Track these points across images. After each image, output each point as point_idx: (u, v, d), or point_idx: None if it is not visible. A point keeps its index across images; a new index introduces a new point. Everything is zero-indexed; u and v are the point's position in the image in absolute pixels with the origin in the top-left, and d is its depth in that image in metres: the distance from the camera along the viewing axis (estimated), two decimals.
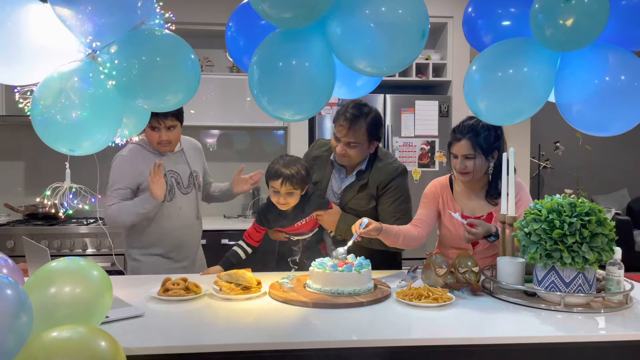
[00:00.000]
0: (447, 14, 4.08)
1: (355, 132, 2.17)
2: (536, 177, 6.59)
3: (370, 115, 2.20)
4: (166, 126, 2.29)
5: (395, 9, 1.49)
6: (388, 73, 1.65)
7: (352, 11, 1.50)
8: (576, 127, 1.70)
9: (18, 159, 4.12)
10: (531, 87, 1.67)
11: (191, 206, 2.46)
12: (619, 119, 1.64)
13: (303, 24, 1.54)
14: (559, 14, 1.52)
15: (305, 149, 4.00)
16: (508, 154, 2.03)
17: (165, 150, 2.38)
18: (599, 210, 1.71)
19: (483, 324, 1.60)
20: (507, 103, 1.70)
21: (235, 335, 1.48)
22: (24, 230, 3.51)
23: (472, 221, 2.08)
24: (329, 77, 1.63)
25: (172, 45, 1.62)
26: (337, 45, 1.57)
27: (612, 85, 1.60)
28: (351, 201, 2.27)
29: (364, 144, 2.21)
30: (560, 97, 1.70)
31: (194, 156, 2.52)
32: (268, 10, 1.48)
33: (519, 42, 1.70)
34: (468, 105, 1.78)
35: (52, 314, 1.22)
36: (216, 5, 3.87)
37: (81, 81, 1.48)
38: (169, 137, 2.32)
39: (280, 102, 1.63)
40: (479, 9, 1.83)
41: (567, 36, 1.55)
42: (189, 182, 2.44)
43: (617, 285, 1.76)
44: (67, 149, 1.56)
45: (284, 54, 1.58)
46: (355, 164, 2.28)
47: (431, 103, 4.00)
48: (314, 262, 1.92)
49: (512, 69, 1.67)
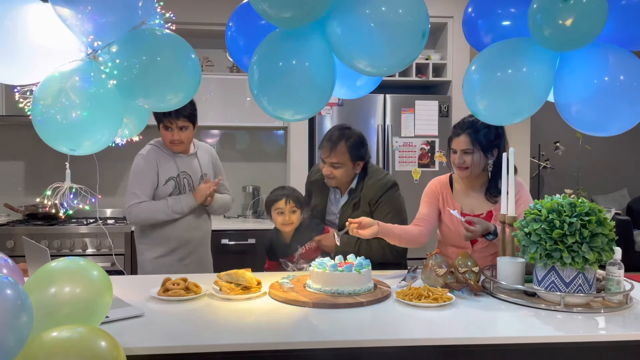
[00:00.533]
0: (447, 14, 4.08)
1: (337, 153, 2.29)
2: (536, 177, 6.59)
3: (351, 138, 2.33)
4: (178, 126, 2.41)
5: (396, 9, 1.49)
6: (388, 73, 1.65)
7: (352, 10, 1.50)
8: (575, 127, 1.70)
9: (18, 159, 4.12)
10: (530, 87, 1.67)
11: (199, 208, 2.53)
12: (618, 119, 1.64)
13: (303, 23, 1.54)
14: (557, 14, 1.52)
15: (306, 148, 4.02)
16: (508, 153, 2.03)
17: (177, 150, 2.49)
18: (599, 210, 1.71)
19: (483, 324, 1.60)
20: (506, 103, 1.71)
21: (235, 335, 1.48)
22: (24, 230, 3.51)
23: (470, 219, 2.08)
24: (329, 77, 1.63)
25: (172, 45, 1.62)
26: (337, 45, 1.57)
27: (611, 85, 1.60)
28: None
29: (348, 164, 2.32)
30: (560, 97, 1.70)
31: (207, 160, 2.62)
32: (268, 10, 1.48)
33: (518, 42, 1.70)
34: (467, 105, 1.78)
35: (52, 314, 1.22)
36: (216, 5, 3.87)
37: (82, 81, 1.48)
38: (181, 137, 2.43)
39: (280, 102, 1.63)
40: (479, 9, 1.83)
41: (565, 36, 1.55)
42: (199, 184, 2.53)
43: (617, 285, 1.76)
44: (67, 148, 1.56)
45: (284, 53, 1.58)
46: (343, 184, 2.40)
47: (431, 103, 4.00)
48: (314, 262, 1.93)
49: (511, 69, 1.67)
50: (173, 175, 2.47)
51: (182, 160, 2.52)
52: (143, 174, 2.45)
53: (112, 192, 4.23)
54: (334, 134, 2.33)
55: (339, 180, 2.36)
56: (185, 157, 2.53)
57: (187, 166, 2.52)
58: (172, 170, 2.48)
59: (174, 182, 2.47)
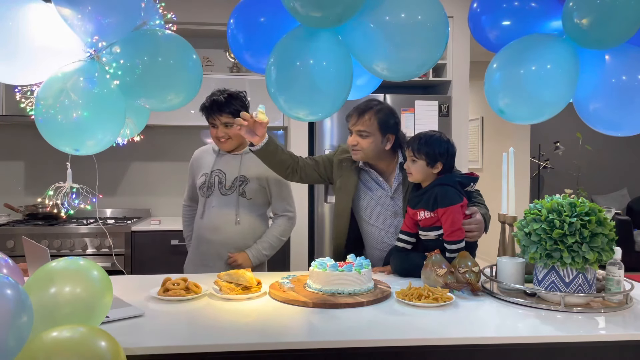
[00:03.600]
0: (447, 14, 4.08)
1: (364, 120, 2.18)
2: (536, 177, 6.59)
3: (379, 106, 2.22)
4: (222, 122, 2.37)
5: (416, 14, 1.50)
6: (405, 78, 1.65)
7: (372, 14, 1.51)
8: (591, 126, 1.69)
9: (18, 159, 4.12)
10: (554, 85, 1.64)
11: (226, 208, 2.42)
12: (634, 119, 1.63)
13: (331, 25, 1.54)
14: (596, 11, 1.50)
15: (306, 148, 4.02)
16: (508, 153, 2.03)
17: (226, 147, 2.45)
18: (599, 210, 1.71)
19: (483, 324, 1.60)
20: (529, 101, 1.68)
21: (235, 335, 1.48)
22: (24, 230, 3.51)
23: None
24: (346, 79, 1.63)
25: (174, 46, 1.62)
26: (356, 47, 1.57)
27: (629, 85, 1.59)
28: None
29: (376, 135, 2.19)
30: (577, 94, 1.68)
31: (253, 165, 2.43)
32: (299, 8, 1.48)
33: (539, 39, 1.68)
34: (489, 103, 1.76)
35: (52, 314, 1.22)
36: (217, 5, 3.87)
37: (85, 81, 1.49)
38: (227, 133, 2.40)
39: (296, 102, 1.65)
40: (484, 4, 1.82)
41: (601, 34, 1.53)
42: (232, 185, 2.42)
43: (617, 285, 1.76)
44: (71, 148, 1.56)
45: (302, 53, 1.59)
46: (370, 158, 2.24)
47: (431, 103, 4.00)
48: (314, 262, 1.93)
49: (535, 65, 1.64)
50: (207, 172, 2.47)
51: (223, 158, 2.48)
52: (189, 172, 2.61)
53: (112, 192, 4.23)
54: (362, 104, 2.23)
55: (366, 153, 2.20)
56: (227, 156, 2.48)
57: (225, 164, 2.46)
58: (207, 166, 2.48)
59: (204, 178, 2.46)
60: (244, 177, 2.42)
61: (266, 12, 1.76)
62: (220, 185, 2.43)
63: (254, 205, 2.45)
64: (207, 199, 2.44)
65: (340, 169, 2.32)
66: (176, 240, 3.61)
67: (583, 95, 1.67)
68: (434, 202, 2.03)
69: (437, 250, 1.94)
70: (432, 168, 2.06)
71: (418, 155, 2.06)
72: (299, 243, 3.92)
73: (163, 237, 3.62)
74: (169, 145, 4.27)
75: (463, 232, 2.03)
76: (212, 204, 2.43)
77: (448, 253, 2.01)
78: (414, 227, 2.15)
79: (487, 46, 1.84)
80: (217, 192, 2.43)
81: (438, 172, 2.07)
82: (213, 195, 2.43)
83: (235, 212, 2.40)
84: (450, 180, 2.06)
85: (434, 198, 2.03)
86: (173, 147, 4.28)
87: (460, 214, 2.03)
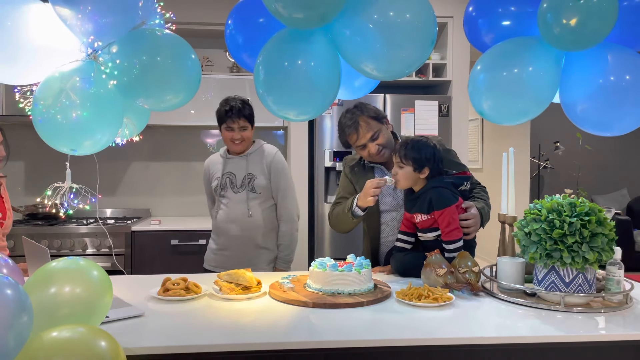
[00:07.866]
0: (447, 14, 4.08)
1: (369, 127, 2.23)
2: (536, 177, 6.59)
3: (365, 109, 2.28)
4: (240, 126, 2.63)
5: (403, 13, 1.49)
6: (394, 77, 1.65)
7: (360, 13, 1.50)
8: (580, 127, 1.70)
9: (18, 159, 4.12)
10: (536, 87, 1.66)
11: (239, 203, 2.69)
12: (623, 119, 1.64)
13: (314, 26, 1.54)
14: (567, 13, 1.51)
15: (306, 149, 4.02)
16: (508, 153, 2.03)
17: (238, 149, 2.70)
18: (599, 210, 1.71)
19: (483, 324, 1.60)
20: (511, 103, 1.70)
21: (235, 335, 1.48)
22: (24, 230, 3.52)
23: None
24: (335, 78, 1.63)
25: (173, 45, 1.62)
26: (344, 47, 1.57)
27: (616, 85, 1.60)
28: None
29: (381, 127, 2.26)
30: (565, 97, 1.69)
31: (258, 161, 2.72)
32: (281, 10, 1.48)
33: (523, 41, 1.69)
34: (472, 105, 1.78)
35: (52, 314, 1.22)
36: (216, 5, 3.87)
37: (82, 81, 1.49)
38: (242, 136, 2.65)
39: (285, 102, 1.64)
40: (479, 8, 1.83)
41: (575, 36, 1.54)
42: (242, 183, 2.69)
43: (617, 285, 1.76)
44: (68, 148, 1.56)
45: (290, 54, 1.58)
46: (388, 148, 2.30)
47: (431, 103, 4.00)
48: (314, 262, 1.93)
49: (517, 68, 1.66)
50: (219, 176, 2.73)
51: (231, 161, 2.72)
52: (203, 182, 2.86)
53: (112, 192, 4.23)
54: (346, 118, 2.28)
55: (387, 154, 2.28)
56: (235, 159, 2.72)
57: (234, 166, 2.71)
58: (219, 171, 2.74)
59: (217, 181, 2.73)
60: (251, 174, 2.69)
61: (264, 13, 1.76)
62: (232, 185, 2.71)
63: (263, 199, 2.71)
64: (222, 198, 2.72)
65: (354, 175, 2.40)
66: (176, 240, 3.61)
67: (570, 96, 1.67)
68: (429, 206, 2.06)
69: (436, 250, 1.95)
70: (420, 173, 2.09)
71: (405, 161, 2.08)
72: (299, 243, 3.91)
73: (163, 237, 3.62)
74: (169, 145, 4.27)
75: (460, 231, 2.04)
76: (227, 202, 2.71)
77: (447, 253, 2.01)
78: (413, 228, 2.16)
79: (483, 49, 1.84)
80: (230, 191, 2.70)
81: (425, 177, 2.09)
82: (227, 194, 2.71)
83: (247, 207, 2.68)
84: (443, 182, 2.08)
85: (428, 202, 2.06)
86: (173, 147, 4.28)
87: (457, 214, 2.05)
